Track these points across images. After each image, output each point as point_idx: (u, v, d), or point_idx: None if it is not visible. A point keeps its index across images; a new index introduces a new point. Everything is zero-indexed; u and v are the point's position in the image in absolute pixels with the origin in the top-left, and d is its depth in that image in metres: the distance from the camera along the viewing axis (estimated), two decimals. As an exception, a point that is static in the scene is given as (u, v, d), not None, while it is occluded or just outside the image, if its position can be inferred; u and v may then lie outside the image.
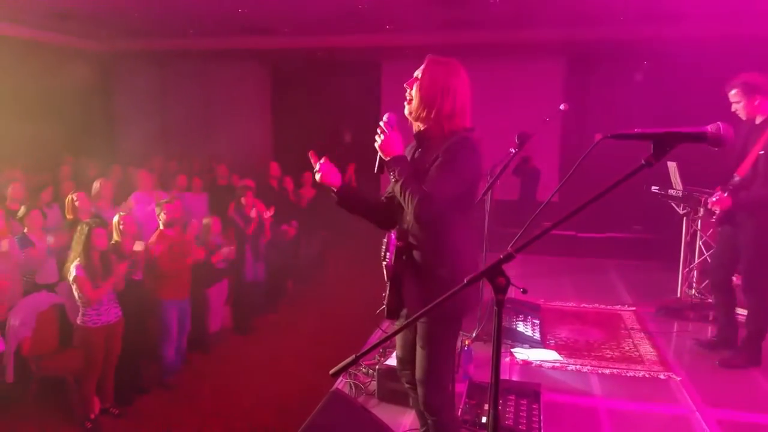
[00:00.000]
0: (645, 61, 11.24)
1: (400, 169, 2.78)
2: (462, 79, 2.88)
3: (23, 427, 4.94)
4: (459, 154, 2.72)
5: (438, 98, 2.82)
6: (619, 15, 9.03)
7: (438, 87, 2.82)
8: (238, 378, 5.93)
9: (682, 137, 1.63)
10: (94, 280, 4.87)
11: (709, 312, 6.16)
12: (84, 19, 10.01)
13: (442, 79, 2.83)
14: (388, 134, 2.85)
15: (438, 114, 2.83)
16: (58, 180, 8.51)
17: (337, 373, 1.73)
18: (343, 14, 9.35)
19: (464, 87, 2.88)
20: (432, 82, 2.85)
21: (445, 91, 2.82)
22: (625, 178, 1.64)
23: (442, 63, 2.90)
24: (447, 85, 2.82)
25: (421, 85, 2.87)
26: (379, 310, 3.03)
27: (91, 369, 4.99)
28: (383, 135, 2.85)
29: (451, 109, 2.82)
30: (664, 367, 5.02)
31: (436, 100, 2.82)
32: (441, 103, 2.82)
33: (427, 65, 2.90)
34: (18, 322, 5.06)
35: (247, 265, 7.49)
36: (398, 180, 2.77)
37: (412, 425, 4.02)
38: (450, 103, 2.82)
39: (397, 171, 2.78)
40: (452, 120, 2.83)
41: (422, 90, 2.87)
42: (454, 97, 2.82)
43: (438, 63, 2.90)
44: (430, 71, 2.87)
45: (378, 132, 2.87)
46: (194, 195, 8.55)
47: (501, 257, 1.64)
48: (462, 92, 2.86)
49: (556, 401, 4.36)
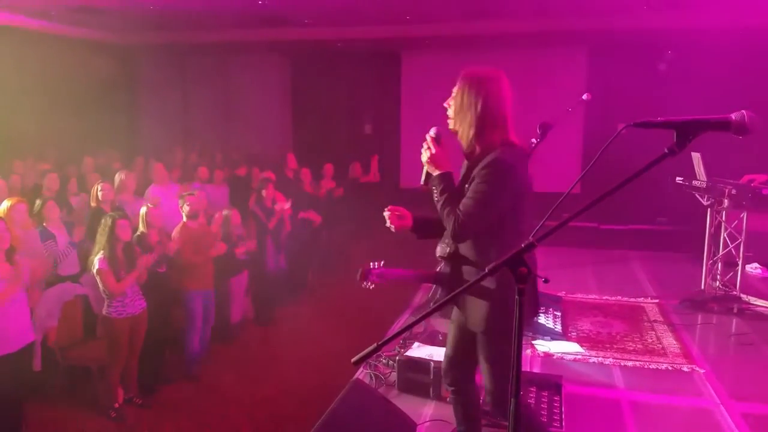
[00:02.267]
0: (669, 51, 11.10)
1: (443, 187, 2.80)
2: (494, 91, 2.78)
3: (50, 415, 5.02)
4: (489, 176, 2.68)
5: (467, 116, 2.78)
6: (643, 3, 8.91)
7: (466, 105, 2.78)
8: (260, 368, 5.97)
9: (705, 125, 1.60)
10: (117, 273, 4.92)
11: (733, 304, 6.10)
12: (106, 13, 10.09)
13: (469, 96, 2.77)
14: (434, 151, 2.83)
15: (469, 132, 2.79)
16: (82, 173, 8.62)
17: (359, 361, 1.73)
18: (363, 5, 9.34)
19: (496, 99, 2.77)
20: (460, 100, 2.81)
21: (472, 108, 2.76)
22: (647, 168, 1.62)
23: (472, 78, 2.81)
24: (475, 101, 2.75)
25: (454, 104, 2.84)
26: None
27: (115, 359, 5.05)
28: (429, 151, 2.84)
29: (480, 125, 2.76)
30: (688, 359, 4.98)
31: (466, 119, 2.79)
32: (471, 120, 2.77)
33: (458, 82, 2.84)
34: (44, 312, 5.14)
35: (268, 256, 7.53)
36: (439, 199, 2.81)
37: (432, 416, 4.02)
38: (478, 120, 2.75)
39: (440, 189, 2.81)
40: (483, 137, 2.77)
41: (454, 109, 2.84)
42: (484, 112, 2.75)
43: (467, 79, 2.82)
44: (459, 88, 2.82)
45: (424, 146, 2.86)
46: (215, 187, 8.61)
47: (522, 246, 1.64)
48: (494, 105, 2.76)
49: (578, 393, 4.35)
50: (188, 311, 5.83)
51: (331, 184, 9.56)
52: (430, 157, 2.83)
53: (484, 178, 2.68)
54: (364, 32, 11.41)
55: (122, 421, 4.98)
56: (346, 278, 9.14)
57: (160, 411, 5.16)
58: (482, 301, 2.79)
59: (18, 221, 5.28)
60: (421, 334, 5.07)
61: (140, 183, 8.17)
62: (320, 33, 11.66)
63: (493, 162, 2.68)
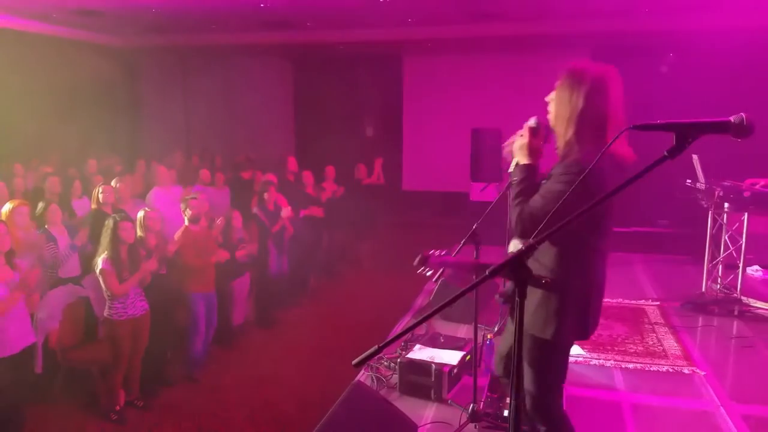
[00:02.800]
0: (670, 53, 11.11)
1: (522, 177, 2.67)
2: (598, 91, 2.60)
3: (51, 417, 5.03)
4: (567, 179, 2.52)
5: (566, 114, 2.64)
6: (645, 6, 8.93)
7: (565, 102, 2.65)
8: (261, 370, 5.97)
9: (704, 128, 1.61)
10: (121, 274, 4.94)
11: (734, 307, 6.10)
12: (108, 16, 10.13)
13: (570, 94, 2.64)
14: (526, 140, 2.70)
15: (566, 132, 2.64)
16: (85, 175, 8.63)
17: (360, 363, 1.72)
18: (365, 7, 9.35)
19: (600, 100, 2.60)
20: (561, 96, 2.68)
21: (572, 107, 2.62)
22: (648, 170, 1.63)
23: (577, 74, 2.66)
24: (576, 100, 2.62)
25: (554, 100, 2.73)
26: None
27: (117, 361, 5.06)
28: (522, 138, 2.72)
29: (578, 127, 2.61)
30: (689, 361, 4.98)
31: (564, 117, 2.65)
32: (570, 119, 2.62)
33: (563, 76, 2.70)
34: (45, 314, 5.15)
35: (271, 259, 7.54)
36: (514, 189, 2.68)
37: (434, 418, 4.03)
38: (578, 120, 2.61)
39: (518, 179, 2.68)
40: (581, 139, 2.61)
41: (554, 105, 2.73)
42: (584, 113, 2.60)
43: (571, 74, 2.68)
44: (562, 83, 2.69)
45: (518, 133, 2.75)
46: (217, 190, 8.63)
47: (523, 249, 1.64)
48: (596, 107, 2.59)
49: (579, 395, 4.35)
50: (191, 314, 5.83)
51: (333, 186, 9.57)
52: (520, 145, 2.70)
53: (562, 179, 2.54)
54: (366, 35, 11.43)
55: (123, 424, 4.99)
56: (348, 281, 9.21)
57: (162, 413, 5.17)
58: (542, 307, 2.73)
59: (20, 224, 5.31)
60: (422, 336, 5.08)
61: (142, 186, 8.19)
62: (322, 36, 11.68)
63: (576, 164, 2.53)
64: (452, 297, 1.71)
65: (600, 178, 2.45)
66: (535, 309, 2.74)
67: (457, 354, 4.56)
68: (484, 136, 9.77)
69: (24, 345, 4.53)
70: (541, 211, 2.53)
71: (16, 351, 4.42)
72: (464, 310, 5.48)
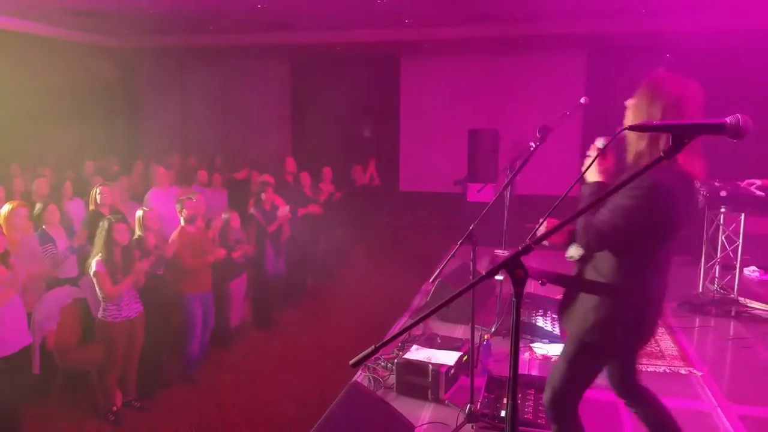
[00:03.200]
0: (667, 54, 11.13)
1: (589, 193, 2.71)
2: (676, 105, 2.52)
3: (49, 418, 5.03)
4: (636, 194, 2.46)
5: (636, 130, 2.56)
6: (641, 7, 8.94)
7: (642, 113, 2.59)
8: (258, 371, 5.97)
9: (700, 129, 1.62)
10: (114, 276, 4.93)
11: (731, 307, 6.11)
12: (106, 17, 10.12)
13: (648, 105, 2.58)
14: (595, 160, 2.72)
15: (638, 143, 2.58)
16: (82, 177, 8.62)
17: (357, 363, 1.72)
18: (362, 9, 9.36)
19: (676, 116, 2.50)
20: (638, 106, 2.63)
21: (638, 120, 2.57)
22: (644, 170, 1.64)
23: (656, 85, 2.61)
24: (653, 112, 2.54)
25: (632, 108, 2.68)
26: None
27: (112, 363, 5.06)
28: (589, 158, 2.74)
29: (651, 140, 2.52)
30: (685, 362, 4.98)
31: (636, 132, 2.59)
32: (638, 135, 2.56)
33: (642, 84, 2.66)
34: (42, 316, 5.15)
35: (268, 260, 7.53)
36: (583, 203, 2.66)
37: (431, 418, 4.03)
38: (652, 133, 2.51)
39: (586, 194, 2.72)
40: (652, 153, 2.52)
41: (631, 113, 2.68)
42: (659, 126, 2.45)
43: (651, 85, 2.62)
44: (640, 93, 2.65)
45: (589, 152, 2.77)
46: (214, 191, 8.62)
47: (519, 249, 1.64)
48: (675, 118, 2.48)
49: (576, 396, 4.34)
50: (188, 315, 5.83)
51: (331, 187, 9.57)
52: (591, 165, 2.72)
53: (630, 193, 2.47)
54: (363, 36, 11.45)
55: (120, 425, 4.99)
56: (346, 281, 9.21)
57: (159, 414, 5.16)
58: (593, 312, 2.73)
59: (17, 225, 5.30)
60: (419, 336, 5.07)
61: (140, 187, 8.17)
62: (319, 37, 11.69)
63: (645, 180, 2.41)
64: (449, 297, 1.71)
65: (670, 195, 2.47)
66: (586, 312, 2.75)
67: (454, 355, 4.55)
68: (482, 137, 9.79)
69: (21, 346, 4.52)
70: (608, 225, 2.54)
71: (14, 351, 4.42)
72: (461, 310, 5.47)
